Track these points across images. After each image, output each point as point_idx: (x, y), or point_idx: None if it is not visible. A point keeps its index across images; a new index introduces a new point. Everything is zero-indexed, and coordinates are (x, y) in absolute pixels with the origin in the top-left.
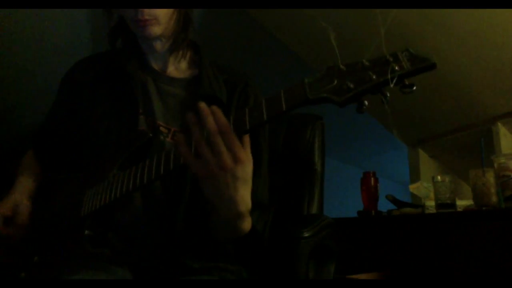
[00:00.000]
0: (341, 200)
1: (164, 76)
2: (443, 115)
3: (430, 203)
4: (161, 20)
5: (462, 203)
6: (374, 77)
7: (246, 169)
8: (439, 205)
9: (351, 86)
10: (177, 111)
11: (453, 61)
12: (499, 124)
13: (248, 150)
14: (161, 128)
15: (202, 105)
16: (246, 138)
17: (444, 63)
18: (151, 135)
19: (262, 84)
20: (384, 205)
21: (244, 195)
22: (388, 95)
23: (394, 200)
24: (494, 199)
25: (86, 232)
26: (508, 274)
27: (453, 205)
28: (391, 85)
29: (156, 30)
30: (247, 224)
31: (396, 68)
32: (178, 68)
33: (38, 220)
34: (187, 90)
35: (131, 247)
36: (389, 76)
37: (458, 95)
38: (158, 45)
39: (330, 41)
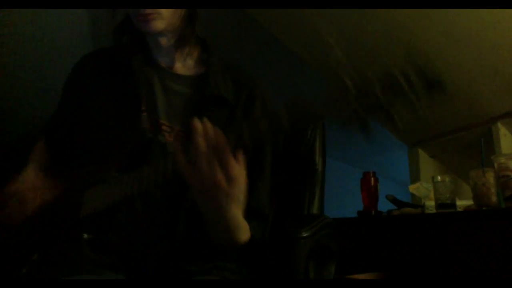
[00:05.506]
0: (341, 200)
1: (170, 73)
2: (443, 115)
3: (430, 203)
4: (164, 14)
5: (462, 203)
6: None
7: (239, 187)
8: (439, 205)
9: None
10: (181, 109)
11: (453, 61)
12: (499, 124)
13: (242, 165)
14: (163, 126)
15: (195, 122)
16: (240, 154)
17: (444, 63)
18: (150, 136)
19: (261, 84)
20: (384, 205)
21: (235, 213)
22: None
23: (394, 200)
24: (494, 199)
25: (85, 235)
26: (508, 274)
27: (453, 205)
28: None
29: (159, 24)
30: (242, 235)
31: None
32: (184, 65)
33: (37, 216)
34: (193, 88)
35: (130, 251)
36: None
37: (458, 95)
38: (163, 40)
39: (329, 41)
